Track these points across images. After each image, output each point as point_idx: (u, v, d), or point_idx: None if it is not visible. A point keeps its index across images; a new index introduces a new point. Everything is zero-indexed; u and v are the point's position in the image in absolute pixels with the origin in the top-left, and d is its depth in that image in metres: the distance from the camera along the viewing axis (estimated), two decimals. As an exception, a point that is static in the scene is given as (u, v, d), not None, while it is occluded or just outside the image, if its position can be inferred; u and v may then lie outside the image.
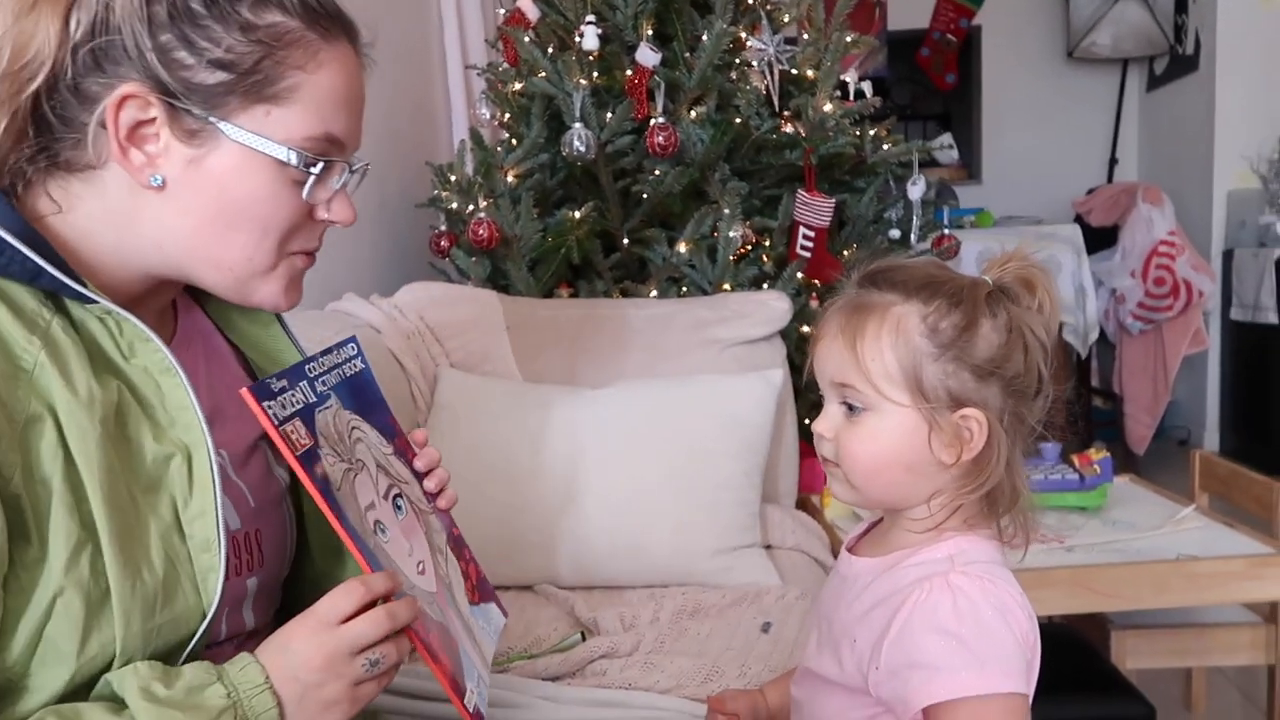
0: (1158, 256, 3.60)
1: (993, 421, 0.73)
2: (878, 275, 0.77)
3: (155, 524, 0.67)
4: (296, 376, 0.76)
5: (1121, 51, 4.35)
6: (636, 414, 1.54)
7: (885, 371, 0.74)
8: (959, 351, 0.73)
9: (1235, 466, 1.85)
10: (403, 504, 0.82)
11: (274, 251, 0.73)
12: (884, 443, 0.75)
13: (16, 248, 0.64)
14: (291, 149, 0.70)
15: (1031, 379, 0.75)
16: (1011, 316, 0.74)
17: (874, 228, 2.21)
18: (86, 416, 0.64)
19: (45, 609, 0.63)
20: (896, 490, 0.77)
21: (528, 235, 1.93)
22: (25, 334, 0.64)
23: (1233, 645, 1.77)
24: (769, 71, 2.00)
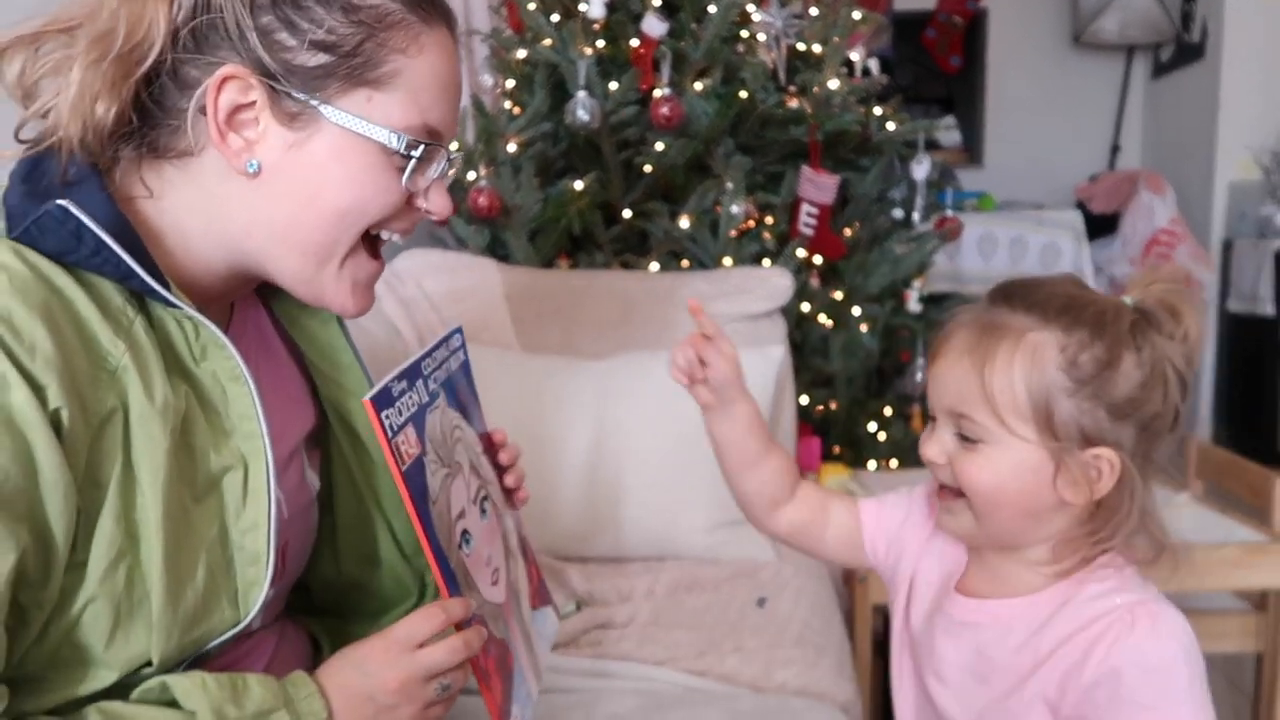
0: (1157, 245, 3.60)
1: (1125, 462, 0.69)
2: (1014, 292, 0.72)
3: (203, 536, 0.66)
4: (413, 376, 0.74)
5: (1128, 38, 4.33)
6: (635, 386, 1.53)
7: (1014, 404, 0.69)
8: (1097, 388, 0.68)
9: (1231, 455, 1.85)
10: (488, 507, 0.81)
11: (355, 235, 0.71)
12: (1005, 477, 0.70)
13: (112, 249, 0.63)
14: (394, 131, 0.68)
15: (1168, 418, 0.70)
16: (1155, 350, 0.69)
17: (877, 207, 2.20)
18: (159, 426, 0.63)
19: (76, 615, 0.62)
20: (1015, 529, 0.72)
21: (528, 205, 1.92)
22: (111, 335, 0.63)
23: (1221, 632, 1.78)
24: (776, 45, 1.98)
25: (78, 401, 0.60)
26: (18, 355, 0.57)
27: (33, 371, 0.58)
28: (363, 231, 0.71)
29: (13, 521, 0.57)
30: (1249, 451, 2.00)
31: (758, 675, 1.15)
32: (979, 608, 0.76)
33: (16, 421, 0.57)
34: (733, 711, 1.05)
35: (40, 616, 0.61)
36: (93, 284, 0.64)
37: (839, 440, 2.13)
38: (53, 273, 0.62)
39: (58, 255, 0.63)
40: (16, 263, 0.61)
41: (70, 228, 0.62)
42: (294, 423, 0.82)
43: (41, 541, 0.59)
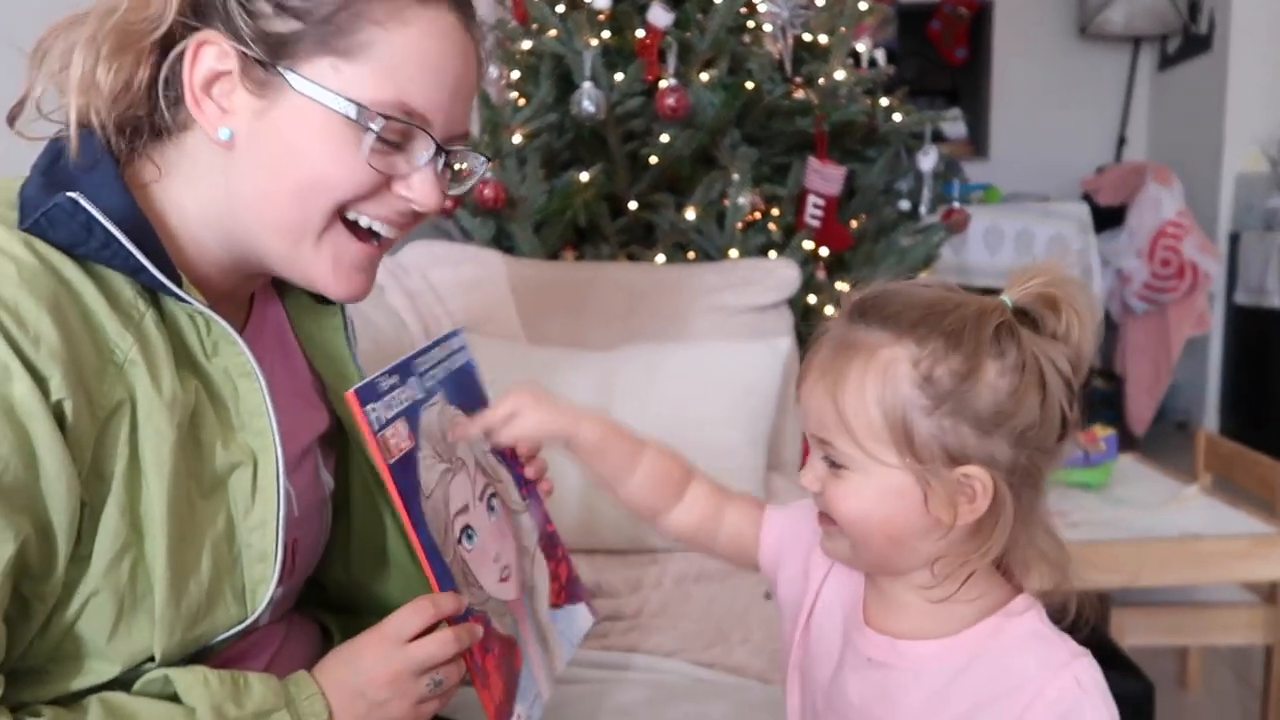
0: (1164, 237, 3.58)
1: (998, 480, 0.63)
2: (869, 306, 0.66)
3: (209, 532, 0.66)
4: (406, 371, 0.73)
5: (1134, 29, 4.31)
6: (642, 379, 1.53)
7: (870, 428, 0.64)
8: (957, 403, 0.62)
9: (1239, 447, 1.85)
10: (496, 505, 0.80)
11: (328, 213, 0.68)
12: (871, 504, 0.65)
13: (121, 242, 0.62)
14: (355, 103, 0.65)
15: (1050, 427, 0.63)
16: (1025, 352, 0.62)
17: (883, 198, 2.19)
18: (166, 419, 0.63)
19: (79, 608, 0.62)
20: (891, 555, 0.67)
21: (534, 197, 1.91)
22: (119, 327, 0.62)
23: (1230, 625, 1.78)
24: (782, 36, 1.97)
25: (83, 394, 0.59)
26: (22, 346, 0.57)
27: (36, 363, 0.57)
28: (334, 209, 0.68)
29: (13, 512, 0.57)
30: (1256, 443, 1.99)
31: (766, 667, 1.15)
32: (890, 647, 0.70)
33: (18, 412, 0.57)
34: (742, 703, 1.05)
35: (43, 609, 0.61)
36: (103, 276, 0.64)
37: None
38: (62, 264, 0.62)
39: (68, 247, 0.62)
40: (26, 254, 0.60)
41: (80, 220, 0.61)
42: (308, 422, 0.81)
43: (43, 533, 0.59)
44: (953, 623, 0.68)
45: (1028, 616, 0.67)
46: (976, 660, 0.66)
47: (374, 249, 0.72)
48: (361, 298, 0.74)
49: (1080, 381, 0.65)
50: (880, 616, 0.72)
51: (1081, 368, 0.65)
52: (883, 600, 0.72)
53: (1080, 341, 0.64)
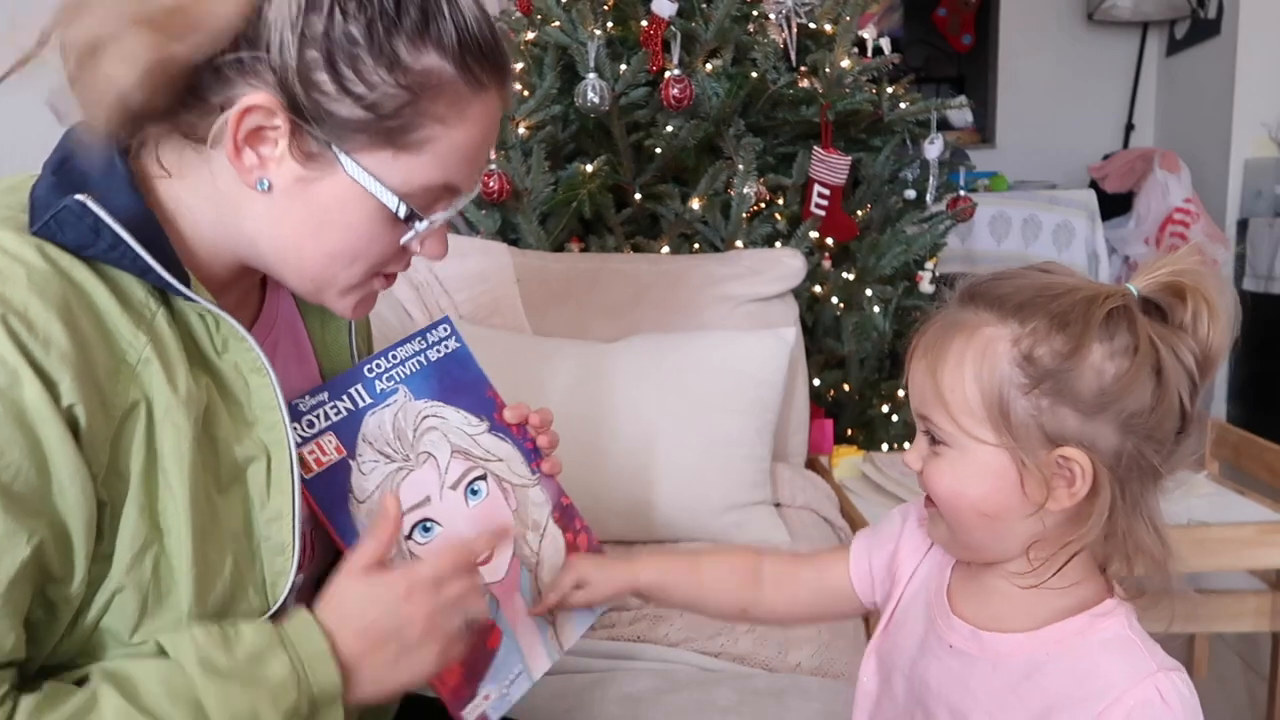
0: (1172, 224, 3.57)
1: (1098, 465, 0.62)
2: (980, 290, 0.66)
3: (228, 527, 0.66)
4: (346, 383, 0.78)
5: (1142, 14, 4.28)
6: (648, 369, 1.53)
7: (966, 405, 0.64)
8: (1057, 383, 0.61)
9: (1247, 434, 1.84)
10: (482, 486, 0.81)
11: (361, 276, 0.72)
12: (967, 483, 0.65)
13: (129, 245, 0.62)
14: (403, 200, 0.68)
15: (1164, 417, 0.62)
16: (1139, 338, 0.61)
17: (889, 187, 2.18)
18: (184, 415, 0.63)
19: (103, 605, 0.62)
20: (988, 537, 0.67)
21: (539, 188, 1.91)
22: (132, 327, 0.63)
23: (1237, 612, 1.77)
24: (786, 25, 1.97)
25: (96, 396, 0.60)
26: (32, 350, 0.57)
27: (46, 367, 0.57)
28: (364, 272, 0.72)
29: (26, 517, 0.57)
30: (1265, 430, 1.99)
31: (772, 656, 1.15)
32: (972, 636, 0.70)
33: (28, 417, 0.57)
34: (746, 690, 1.06)
35: (69, 610, 0.61)
36: (114, 277, 0.64)
37: (851, 422, 2.12)
38: (73, 267, 0.62)
39: (78, 249, 0.62)
40: (36, 257, 0.60)
41: (89, 222, 0.61)
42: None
43: (60, 537, 0.59)
44: (1038, 616, 0.67)
45: (1116, 618, 0.65)
46: (1058, 659, 0.65)
47: (390, 280, 0.76)
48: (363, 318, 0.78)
49: (1209, 377, 0.63)
50: (967, 604, 0.71)
51: (1211, 361, 0.63)
52: (972, 587, 0.72)
53: (1209, 334, 0.62)
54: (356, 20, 0.63)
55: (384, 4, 0.64)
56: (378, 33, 0.63)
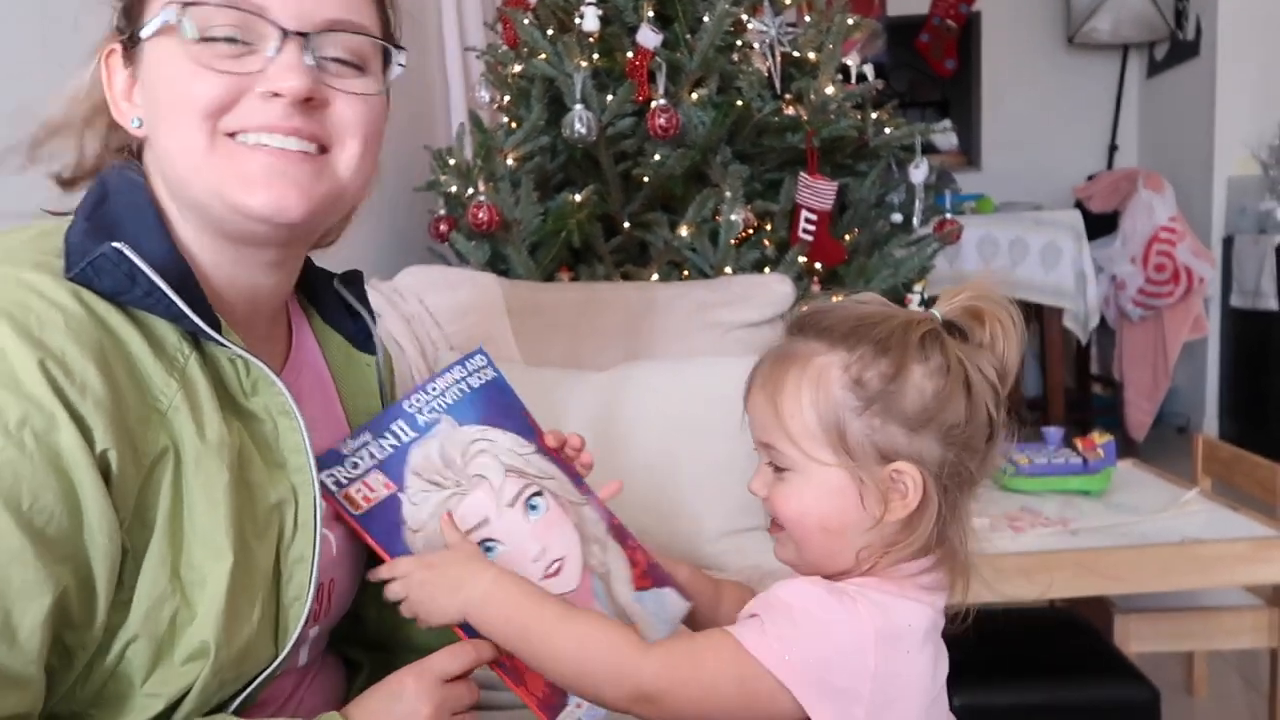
0: (1158, 243, 3.60)
1: (926, 477, 0.68)
2: (806, 322, 0.72)
3: (260, 573, 0.66)
4: (387, 420, 0.79)
5: (1122, 37, 4.34)
6: (639, 397, 1.53)
7: (806, 429, 0.69)
8: (886, 404, 0.67)
9: (1238, 450, 1.85)
10: (540, 502, 0.82)
11: (202, 130, 0.66)
12: (810, 503, 0.70)
13: (164, 291, 0.62)
14: (169, 7, 0.65)
15: (976, 426, 0.68)
16: (949, 358, 0.67)
17: (876, 211, 2.20)
18: (216, 462, 0.63)
19: (119, 653, 0.62)
20: (830, 551, 0.71)
21: (528, 219, 1.92)
22: (164, 374, 0.63)
23: (1234, 629, 1.77)
24: (771, 53, 1.98)
25: (127, 442, 0.59)
26: (69, 395, 0.57)
27: (82, 412, 0.57)
28: (203, 122, 0.66)
29: (54, 563, 0.56)
30: (1257, 445, 2.00)
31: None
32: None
33: (64, 462, 0.56)
34: None
35: (85, 656, 0.61)
36: (147, 322, 0.64)
37: (844, 446, 2.12)
38: (108, 313, 0.62)
39: (113, 295, 0.62)
40: (73, 303, 0.60)
41: (124, 270, 0.62)
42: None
43: (84, 583, 0.58)
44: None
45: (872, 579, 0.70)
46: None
47: (278, 157, 0.67)
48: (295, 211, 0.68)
49: (1007, 388, 0.70)
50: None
51: (1007, 374, 0.70)
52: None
53: (1005, 350, 0.70)
54: None
55: None
56: None
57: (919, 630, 0.69)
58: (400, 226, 2.32)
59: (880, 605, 0.68)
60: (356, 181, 0.71)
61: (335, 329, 0.86)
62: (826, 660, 0.66)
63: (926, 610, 0.70)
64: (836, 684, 0.66)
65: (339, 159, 0.70)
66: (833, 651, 0.66)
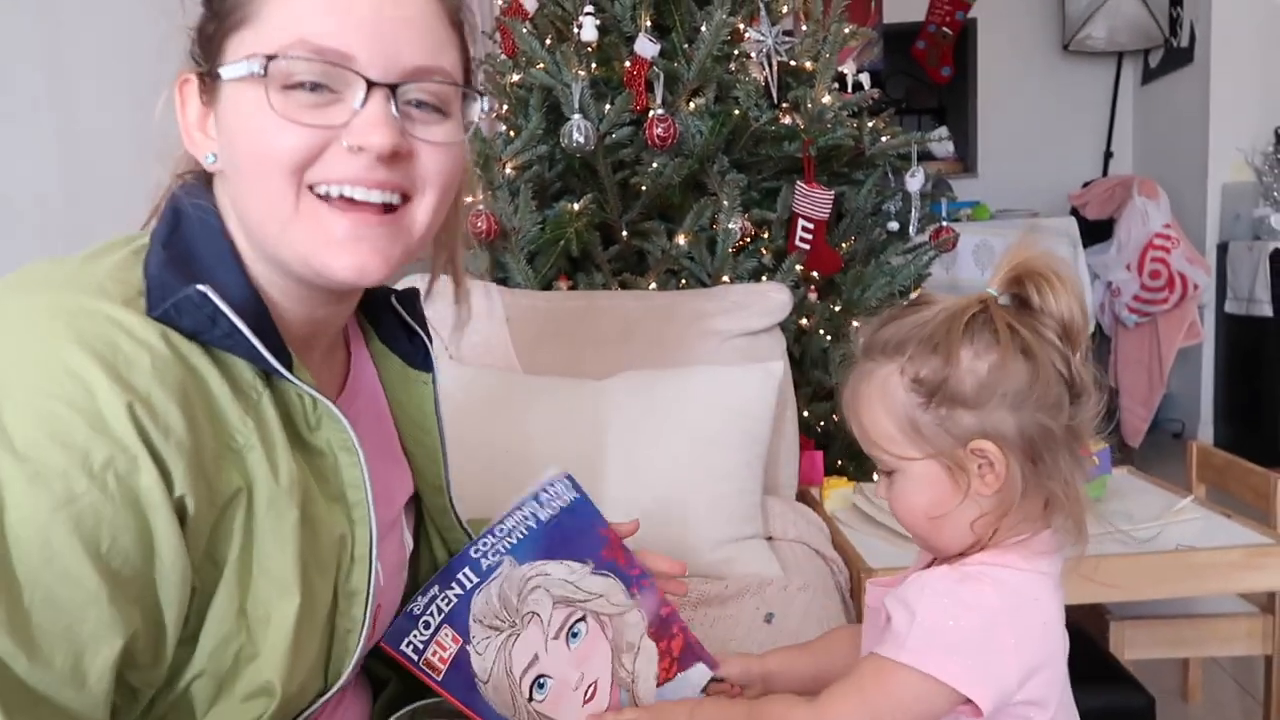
0: (1153, 249, 3.61)
1: (1004, 447, 0.72)
2: (870, 343, 0.78)
3: (322, 608, 0.67)
4: (454, 569, 0.82)
5: (1116, 44, 4.36)
6: (637, 405, 1.54)
7: (888, 435, 0.76)
8: (945, 392, 0.73)
9: (1232, 458, 1.86)
10: (581, 628, 0.85)
11: (287, 183, 0.64)
12: (913, 496, 0.76)
13: (244, 334, 0.63)
14: (254, 59, 0.63)
15: (1045, 385, 0.72)
16: (1001, 331, 0.71)
17: (872, 219, 2.21)
18: (286, 501, 0.63)
19: (183, 689, 0.62)
20: (945, 537, 0.77)
21: (526, 227, 1.93)
22: (241, 413, 0.63)
23: (1230, 636, 1.78)
24: (767, 63, 2.00)
25: (204, 483, 0.60)
26: (152, 437, 0.57)
27: (164, 454, 0.57)
28: (289, 178, 0.64)
29: (127, 603, 0.56)
30: (1250, 452, 2.00)
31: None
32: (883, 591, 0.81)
33: (142, 503, 0.56)
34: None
35: (149, 694, 0.61)
36: (224, 360, 0.64)
37: (842, 453, 2.13)
38: (190, 352, 0.62)
39: (194, 334, 0.63)
40: (160, 344, 0.60)
41: (207, 311, 0.62)
42: (399, 486, 0.84)
43: (153, 624, 0.58)
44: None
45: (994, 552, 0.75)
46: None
47: (364, 216, 0.66)
48: (376, 275, 0.68)
49: (1079, 341, 0.73)
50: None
51: (1073, 326, 0.73)
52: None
53: (1059, 305, 0.72)
54: None
55: None
56: None
57: (1043, 598, 0.74)
58: (399, 234, 2.32)
59: (1003, 581, 0.73)
60: (428, 234, 0.72)
61: (391, 347, 0.86)
62: (972, 643, 0.71)
63: (1046, 580, 0.75)
64: (986, 663, 0.71)
65: (417, 209, 0.69)
66: (976, 634, 0.71)
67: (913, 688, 0.72)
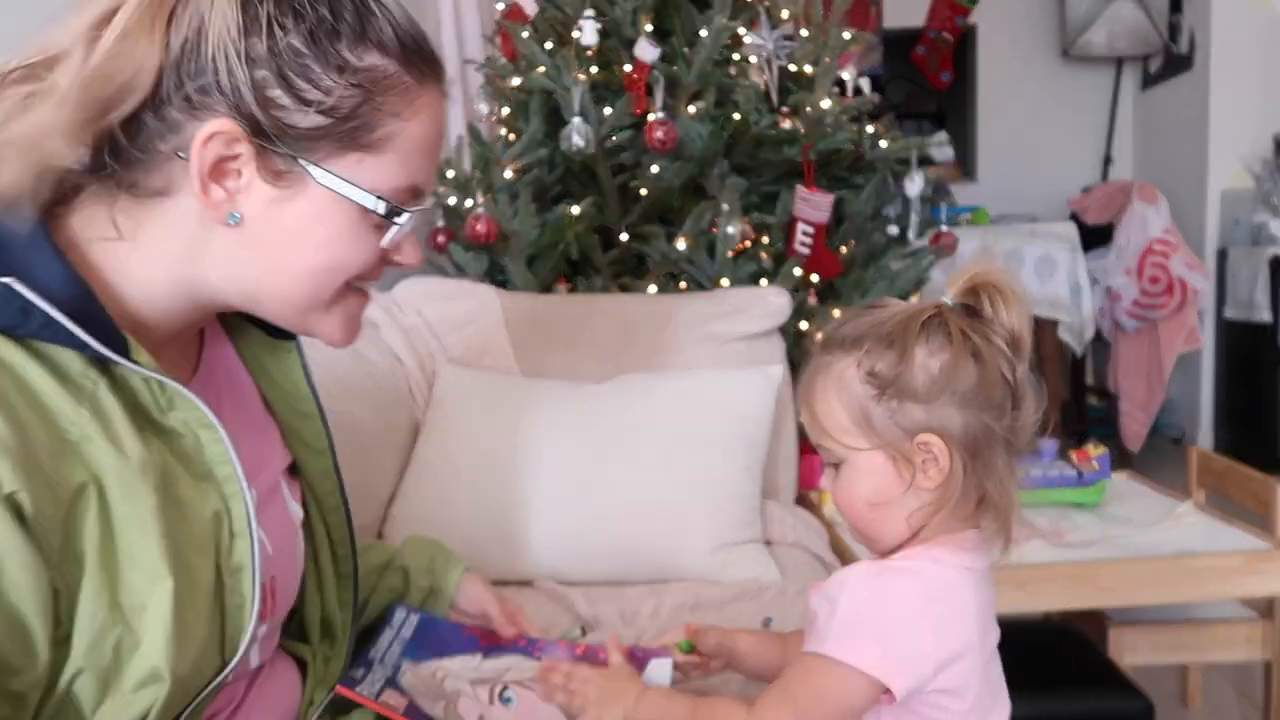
0: (1152, 255, 3.61)
1: (950, 441, 0.76)
2: (829, 338, 0.82)
3: (203, 588, 0.66)
4: (368, 663, 0.91)
5: (1116, 50, 4.36)
6: (636, 409, 1.54)
7: (839, 425, 0.79)
8: (898, 387, 0.76)
9: (1232, 463, 1.85)
10: (510, 693, 0.92)
11: (339, 289, 0.71)
12: (857, 485, 0.80)
13: (62, 324, 0.60)
14: (380, 198, 0.68)
15: (990, 388, 0.75)
16: (954, 334, 0.75)
17: (872, 224, 2.21)
18: (141, 484, 0.62)
19: (65, 688, 0.61)
20: (881, 527, 0.80)
21: (526, 231, 1.93)
22: (73, 404, 0.61)
23: (1229, 641, 1.77)
24: (768, 67, 2.00)
25: (41, 480, 0.58)
26: None
27: None
28: (345, 285, 0.72)
29: None
30: (1249, 458, 2.00)
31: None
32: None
33: None
34: None
35: (36, 696, 0.60)
36: (50, 353, 0.62)
37: (841, 457, 2.13)
38: (5, 350, 0.60)
39: (8, 330, 0.60)
40: None
41: (17, 305, 0.60)
42: (271, 457, 0.82)
43: (15, 628, 0.57)
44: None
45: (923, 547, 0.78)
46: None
47: (368, 296, 0.76)
48: (355, 341, 0.77)
49: (1023, 352, 0.77)
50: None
51: (1018, 337, 0.77)
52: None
53: (1008, 316, 0.77)
54: (297, 33, 0.64)
55: (320, 13, 0.65)
56: (320, 40, 0.64)
57: (965, 592, 0.77)
58: (398, 237, 2.33)
59: (922, 573, 0.76)
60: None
61: (248, 319, 0.83)
62: (888, 633, 0.74)
63: (970, 575, 0.78)
64: (900, 651, 0.74)
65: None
66: (891, 624, 0.74)
67: (834, 678, 0.74)
